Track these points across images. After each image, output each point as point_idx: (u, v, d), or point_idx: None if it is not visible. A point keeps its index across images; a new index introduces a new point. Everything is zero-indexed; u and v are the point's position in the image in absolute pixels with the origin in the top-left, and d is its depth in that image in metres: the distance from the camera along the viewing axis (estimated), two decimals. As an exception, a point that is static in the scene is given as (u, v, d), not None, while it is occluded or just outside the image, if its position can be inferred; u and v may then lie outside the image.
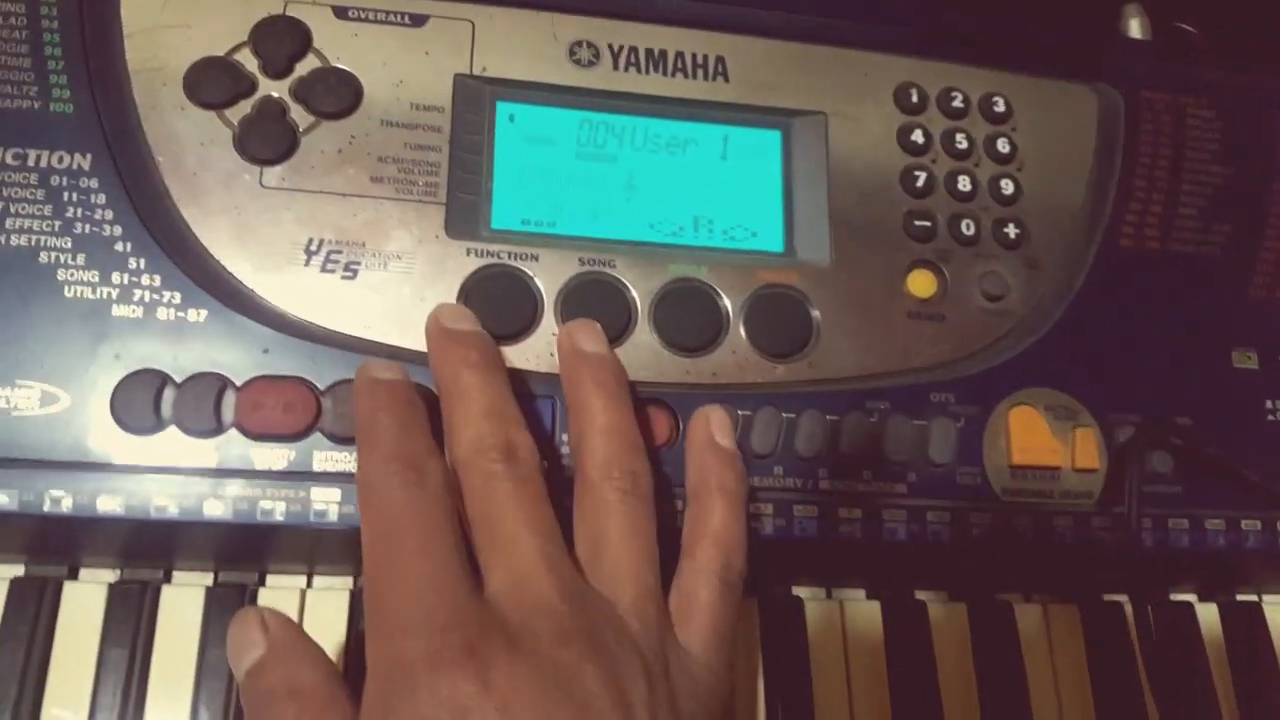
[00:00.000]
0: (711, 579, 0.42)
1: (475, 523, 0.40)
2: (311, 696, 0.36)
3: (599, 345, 0.46)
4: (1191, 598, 0.60)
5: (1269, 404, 0.56)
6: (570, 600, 0.37)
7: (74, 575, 0.49)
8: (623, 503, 0.41)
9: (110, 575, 0.49)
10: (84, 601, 0.47)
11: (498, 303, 0.48)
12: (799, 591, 0.55)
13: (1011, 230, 0.55)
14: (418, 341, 0.47)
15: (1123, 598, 0.58)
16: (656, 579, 0.41)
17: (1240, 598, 0.61)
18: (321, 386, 0.46)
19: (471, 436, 0.41)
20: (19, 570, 0.48)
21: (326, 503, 0.45)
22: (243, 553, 0.48)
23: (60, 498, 0.43)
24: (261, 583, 0.50)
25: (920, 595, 0.57)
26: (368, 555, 0.38)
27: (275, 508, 0.44)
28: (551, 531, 0.40)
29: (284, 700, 0.36)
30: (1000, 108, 0.57)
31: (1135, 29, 0.66)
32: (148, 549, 0.48)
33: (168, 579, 0.49)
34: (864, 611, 0.55)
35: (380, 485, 0.39)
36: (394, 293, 0.48)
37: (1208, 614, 0.60)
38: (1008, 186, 0.56)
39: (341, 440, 0.45)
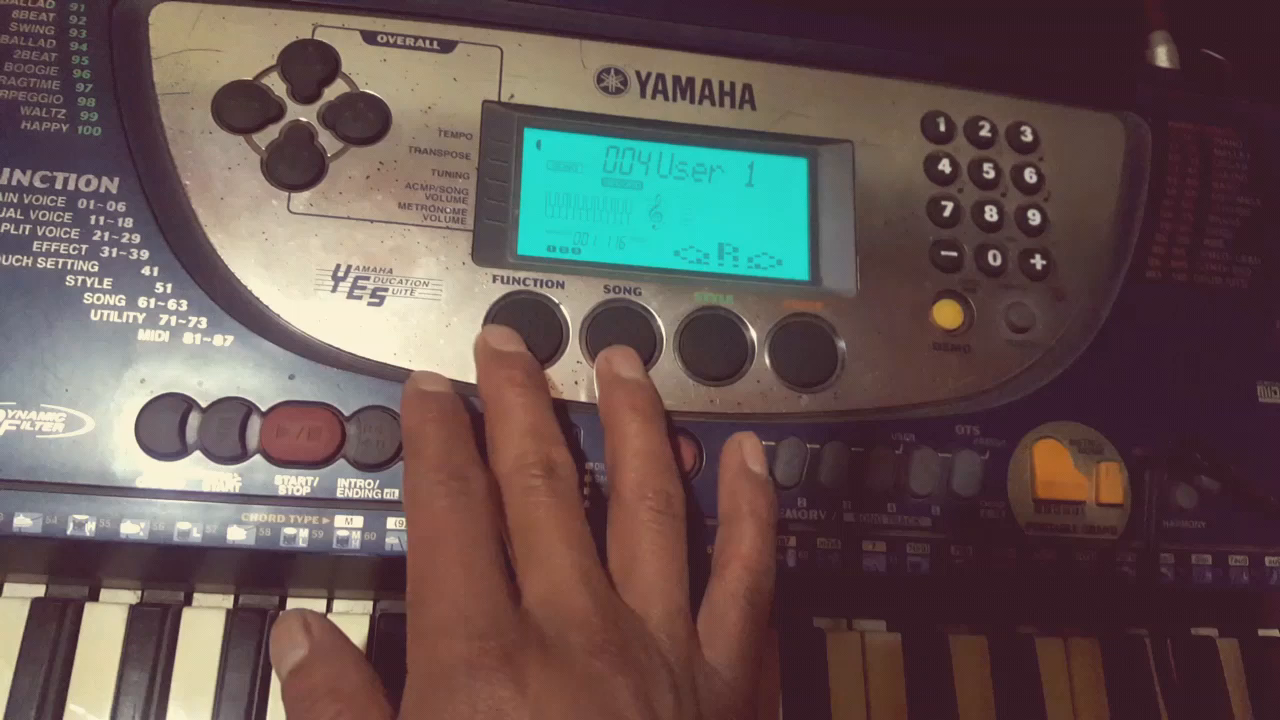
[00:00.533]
0: (740, 600, 0.43)
1: (514, 535, 0.40)
2: (352, 697, 0.37)
3: (636, 371, 0.47)
4: (1213, 632, 0.60)
5: (1295, 437, 0.56)
6: (603, 614, 0.38)
7: (95, 596, 0.49)
8: (656, 522, 0.42)
9: (131, 596, 0.49)
10: (105, 623, 0.47)
11: (523, 330, 0.48)
12: (820, 623, 0.55)
13: (1038, 261, 0.55)
14: (443, 368, 0.47)
15: (1144, 631, 0.58)
16: (686, 598, 0.42)
17: (1263, 633, 0.60)
18: (347, 413, 0.46)
19: (514, 453, 0.42)
20: (40, 590, 0.48)
21: (350, 530, 0.45)
22: (264, 577, 0.48)
23: (84, 521, 0.43)
24: (282, 606, 0.49)
25: (941, 627, 0.56)
26: (412, 560, 0.39)
27: (298, 534, 0.44)
28: (588, 547, 0.41)
29: (326, 700, 0.37)
30: (1028, 137, 0.57)
31: (1163, 57, 0.66)
32: (169, 572, 0.48)
33: (188, 601, 0.49)
34: (885, 643, 0.54)
35: (425, 494, 0.40)
36: (420, 319, 0.48)
37: (1229, 649, 0.59)
38: (1035, 217, 0.56)
39: (366, 468, 0.45)
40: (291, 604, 0.50)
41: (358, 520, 0.45)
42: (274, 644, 0.39)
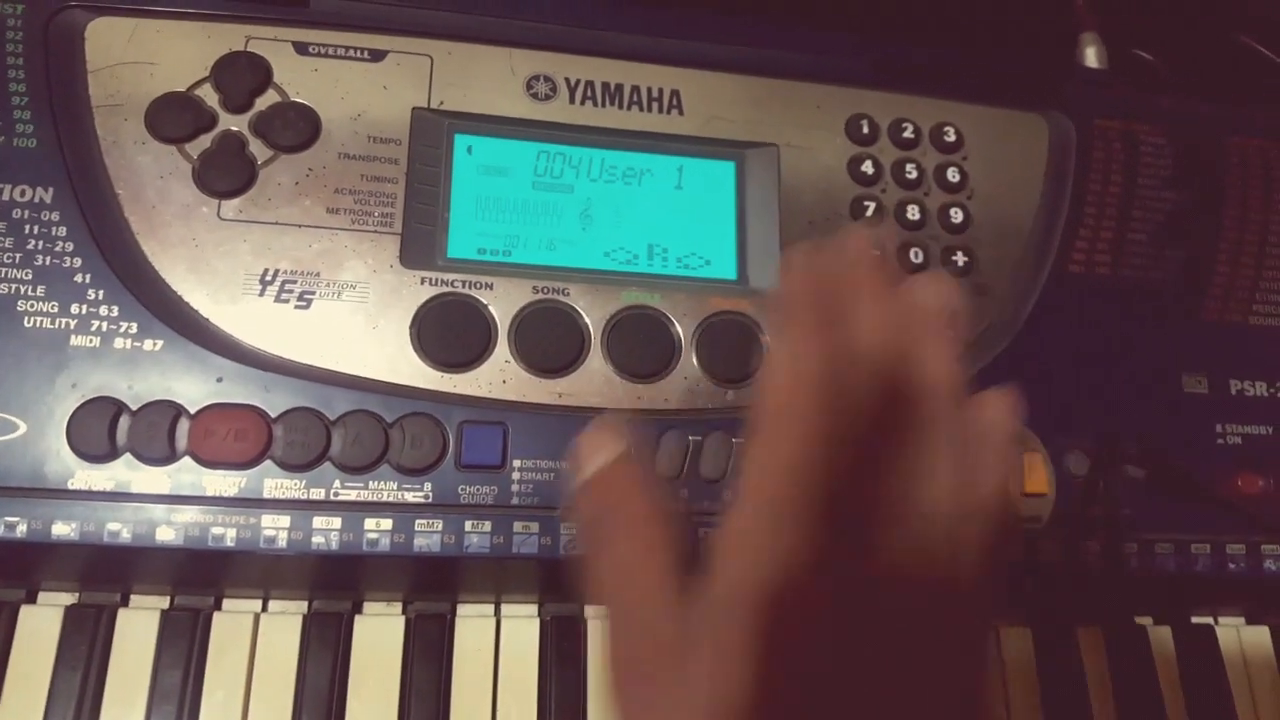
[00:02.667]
0: None
1: None
2: (646, 521, 0.35)
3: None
4: (1148, 621, 0.61)
5: (1219, 428, 0.57)
6: None
7: (32, 599, 0.50)
8: None
9: (69, 598, 0.50)
10: (40, 624, 0.48)
11: (451, 330, 0.49)
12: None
13: (960, 258, 0.56)
14: (367, 369, 0.48)
15: (1075, 620, 0.59)
16: None
17: (1195, 621, 0.61)
18: (274, 414, 0.47)
19: None
20: (-25, 593, 0.49)
21: (276, 529, 0.46)
22: (198, 577, 0.49)
23: (15, 523, 0.44)
24: (218, 606, 0.50)
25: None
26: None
27: (226, 534, 0.45)
28: None
29: (619, 516, 0.35)
30: (951, 137, 0.58)
31: (1092, 58, 0.68)
32: (104, 573, 0.49)
33: (125, 602, 0.50)
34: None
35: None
36: (347, 321, 0.49)
37: (1162, 637, 0.60)
38: (957, 215, 0.57)
39: (292, 468, 0.46)
40: (227, 604, 0.50)
41: (284, 520, 0.46)
42: (586, 444, 0.36)
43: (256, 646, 0.49)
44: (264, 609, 0.51)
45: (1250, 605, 0.61)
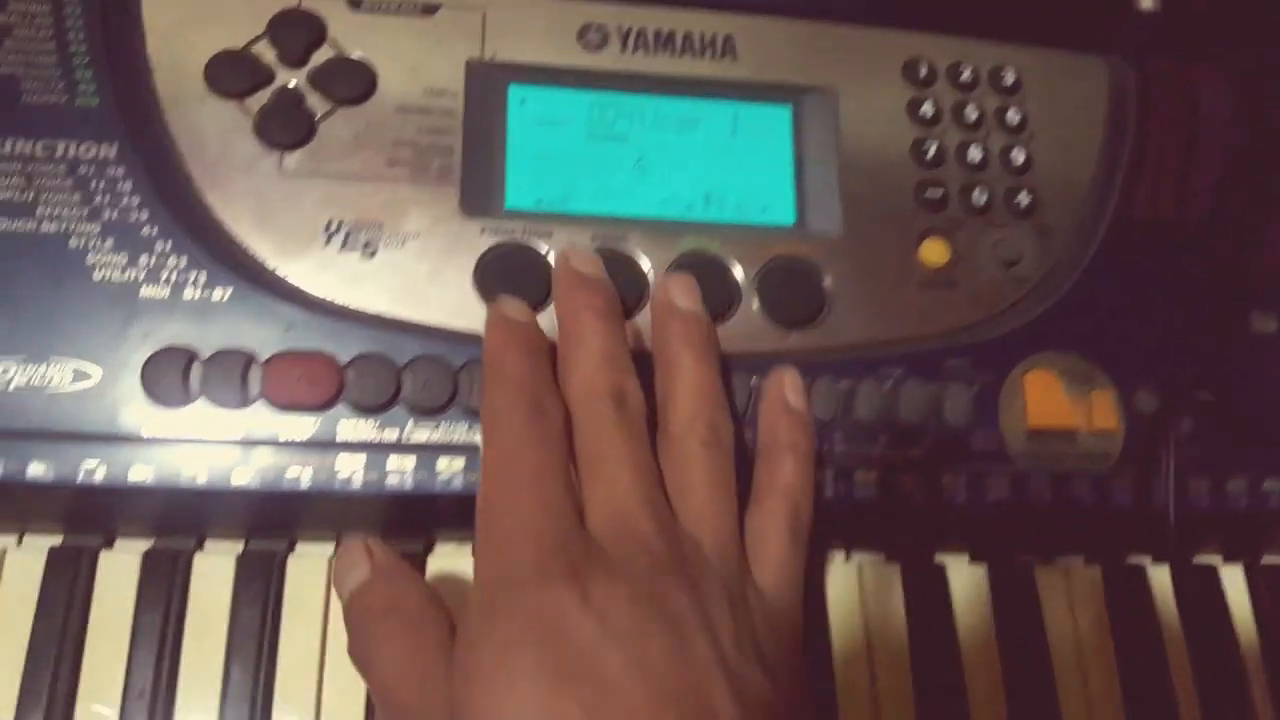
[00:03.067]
0: (781, 528, 0.44)
1: (581, 461, 0.42)
2: (412, 613, 0.39)
3: (692, 303, 0.47)
4: (1216, 560, 0.60)
5: (1289, 366, 0.57)
6: (665, 537, 0.39)
7: (110, 546, 0.50)
8: (705, 452, 0.43)
9: (145, 545, 0.50)
10: (119, 569, 0.49)
11: (512, 279, 0.49)
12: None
13: (1024, 199, 0.56)
14: (433, 317, 0.48)
15: (1145, 560, 0.59)
16: (736, 524, 0.43)
17: (1266, 560, 0.61)
18: (343, 360, 0.47)
19: (587, 379, 0.43)
20: (57, 541, 0.50)
21: (351, 469, 0.46)
22: (271, 521, 0.50)
23: (94, 468, 0.44)
24: (291, 550, 0.51)
25: (940, 558, 0.57)
26: (485, 478, 0.40)
27: (302, 475, 0.46)
28: (651, 473, 0.42)
29: (386, 617, 0.39)
30: (1010, 80, 0.58)
31: (1146, 1, 0.67)
32: (179, 520, 0.49)
33: (200, 549, 0.51)
34: (883, 575, 0.55)
35: (504, 416, 0.41)
36: (411, 270, 0.49)
37: (1232, 577, 0.60)
38: (1018, 156, 0.56)
39: (365, 410, 0.47)
40: (300, 548, 0.51)
41: (359, 460, 0.46)
42: (337, 568, 0.42)
43: (332, 588, 0.49)
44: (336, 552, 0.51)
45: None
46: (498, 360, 0.43)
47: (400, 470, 0.46)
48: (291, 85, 0.51)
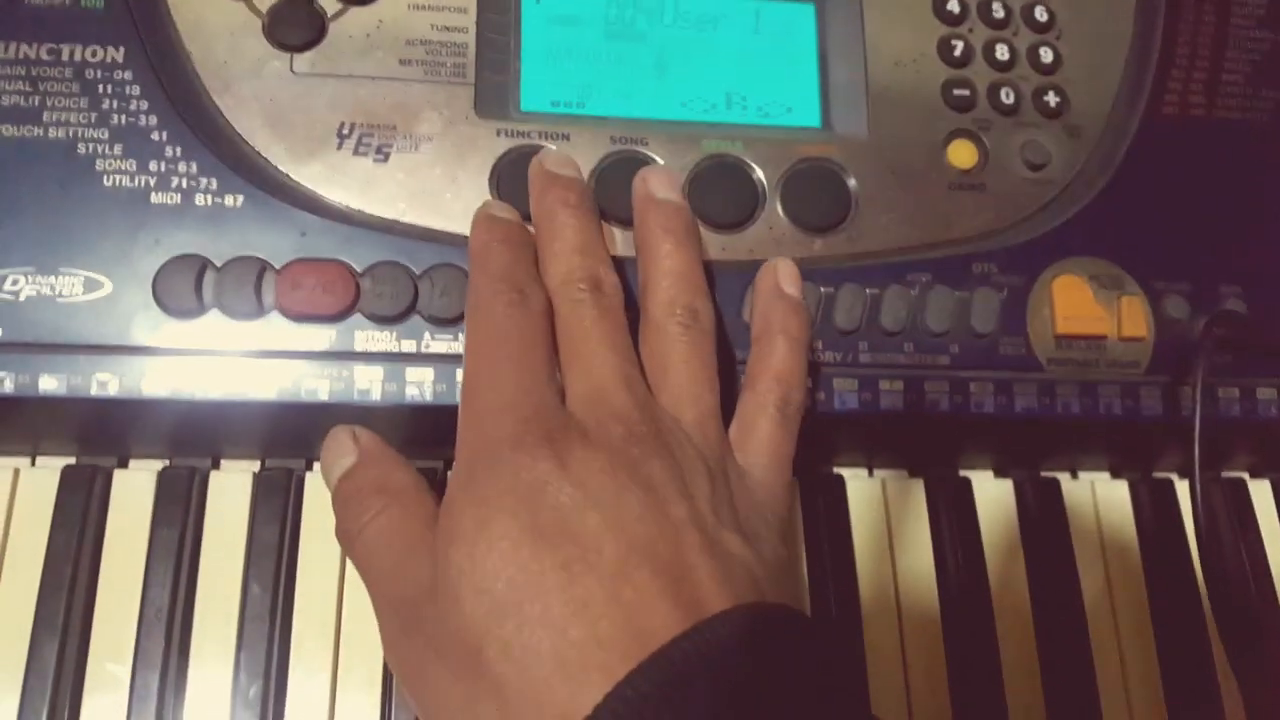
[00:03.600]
0: (770, 410, 0.44)
1: (561, 344, 0.42)
2: (399, 493, 0.40)
3: (671, 192, 0.47)
4: (1244, 475, 0.60)
5: (1323, 269, 0.55)
6: (641, 410, 0.40)
7: (124, 466, 0.50)
8: (685, 335, 0.43)
9: (160, 465, 0.50)
10: (134, 487, 0.48)
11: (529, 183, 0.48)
12: (840, 470, 0.55)
13: (1052, 98, 0.54)
14: (450, 223, 0.47)
15: (1172, 474, 0.58)
16: (717, 403, 0.43)
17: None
18: (360, 268, 0.46)
19: (563, 268, 0.43)
20: (71, 460, 0.49)
21: (371, 381, 0.45)
22: (288, 438, 0.49)
23: (107, 381, 0.44)
24: (309, 467, 0.50)
25: (965, 473, 0.56)
26: (468, 359, 0.41)
27: (319, 387, 0.45)
28: (629, 353, 0.42)
29: (373, 496, 0.40)
30: (1038, -26, 0.56)
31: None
32: (194, 437, 0.49)
33: (216, 468, 0.50)
34: (907, 489, 0.55)
35: (488, 301, 0.41)
36: (426, 174, 0.48)
37: (1262, 491, 0.59)
38: (1047, 55, 0.55)
39: (382, 320, 0.46)
40: (319, 466, 0.50)
41: (378, 372, 0.45)
42: (324, 455, 0.42)
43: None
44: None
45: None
46: (482, 252, 0.43)
47: (419, 381, 0.45)
48: (301, -17, 0.49)
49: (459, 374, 0.46)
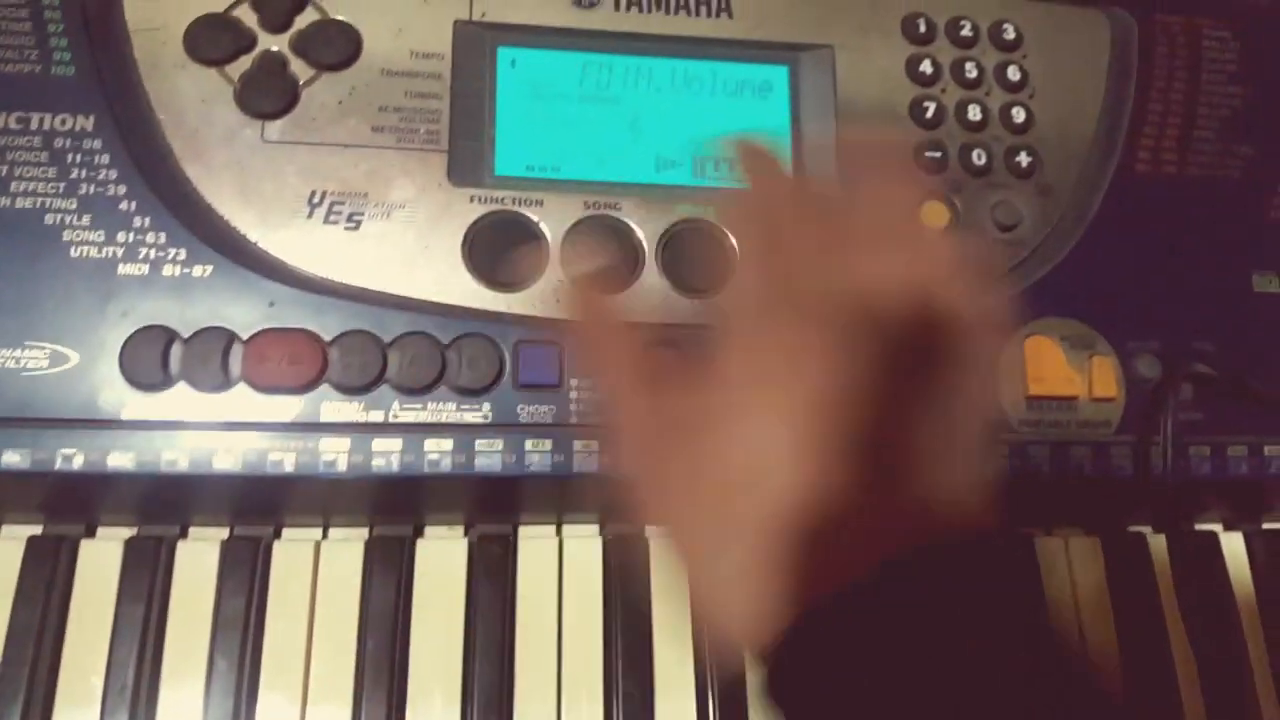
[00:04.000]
0: None
1: None
2: None
3: None
4: (1217, 527, 0.60)
5: (1292, 327, 0.56)
6: None
7: (92, 534, 0.50)
8: None
9: (127, 533, 0.49)
10: (101, 558, 0.48)
11: (503, 248, 0.48)
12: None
13: (1024, 158, 0.54)
14: (421, 291, 0.47)
15: (1145, 528, 0.58)
16: None
17: (1267, 526, 0.60)
18: (328, 338, 0.46)
19: None
20: (37, 530, 0.49)
21: (336, 453, 0.45)
22: (256, 506, 0.49)
23: (72, 455, 0.44)
24: (277, 535, 0.50)
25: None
26: None
27: (285, 459, 0.45)
28: None
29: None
30: (1010, 35, 0.56)
31: (1150, -48, 0.65)
32: (162, 506, 0.49)
33: (184, 535, 0.50)
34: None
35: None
36: (398, 241, 0.48)
37: (1233, 543, 0.59)
38: (1019, 114, 0.55)
39: (349, 391, 0.45)
40: (287, 533, 0.50)
41: (344, 443, 0.45)
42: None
43: (318, 574, 0.49)
44: (324, 536, 0.50)
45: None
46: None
47: (386, 451, 0.45)
48: (274, 50, 0.49)
49: (427, 443, 0.46)
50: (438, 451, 0.46)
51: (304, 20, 0.50)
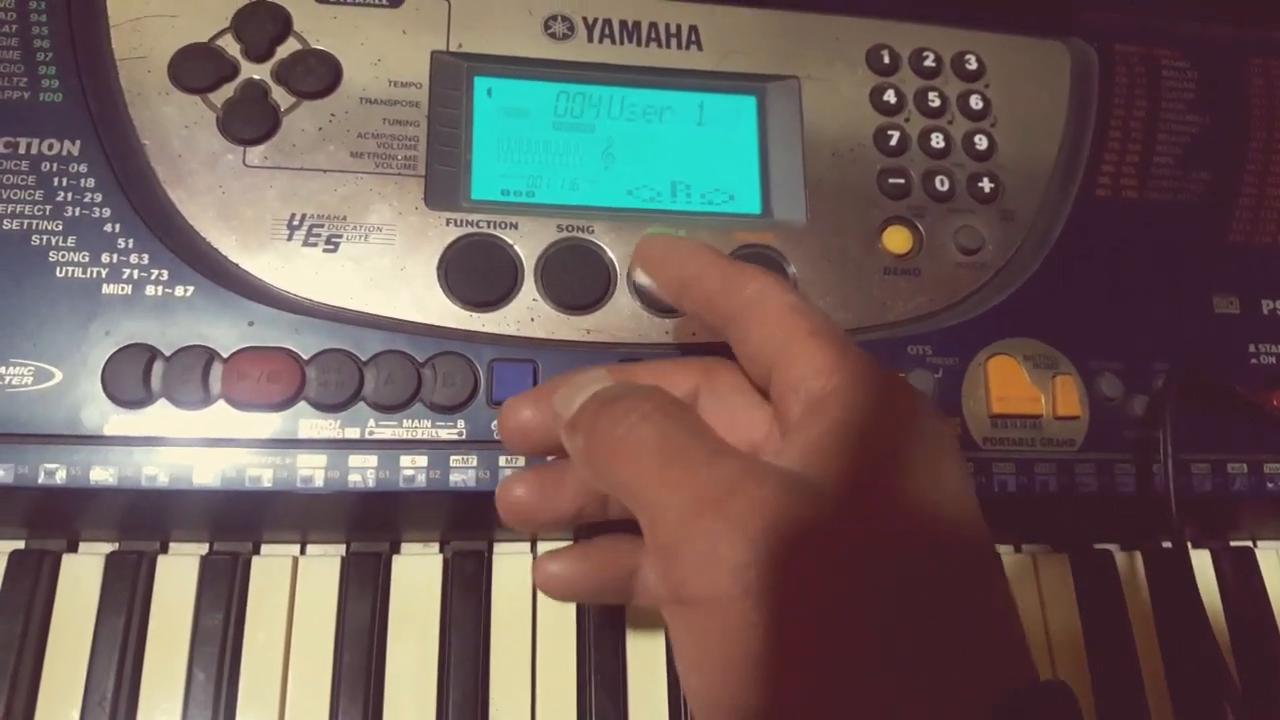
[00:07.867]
0: None
1: None
2: (664, 400, 0.37)
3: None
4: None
5: (1251, 348, 0.57)
6: None
7: (73, 549, 0.50)
8: None
9: (109, 548, 0.50)
10: (81, 572, 0.49)
11: (478, 270, 0.50)
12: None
13: (986, 184, 0.56)
14: (397, 310, 0.49)
15: (1112, 546, 0.59)
16: None
17: (1234, 544, 0.61)
18: (306, 356, 0.47)
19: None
20: (20, 545, 0.50)
21: (313, 469, 0.46)
22: (235, 522, 0.50)
23: (54, 470, 0.44)
24: (256, 551, 0.51)
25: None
26: None
27: (263, 475, 0.46)
28: None
29: (638, 399, 0.37)
30: (973, 65, 0.58)
31: (1110, -16, 0.67)
32: (143, 521, 0.50)
33: (164, 550, 0.51)
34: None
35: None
36: (375, 263, 0.49)
37: (1200, 560, 0.60)
38: (982, 142, 0.57)
39: (326, 408, 0.47)
40: (266, 549, 0.51)
41: (321, 459, 0.46)
42: (561, 395, 0.39)
43: (296, 589, 0.50)
44: (302, 552, 0.51)
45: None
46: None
47: (362, 468, 0.46)
48: (256, 79, 0.51)
49: (403, 459, 0.47)
50: (413, 468, 0.47)
51: (285, 50, 0.52)
